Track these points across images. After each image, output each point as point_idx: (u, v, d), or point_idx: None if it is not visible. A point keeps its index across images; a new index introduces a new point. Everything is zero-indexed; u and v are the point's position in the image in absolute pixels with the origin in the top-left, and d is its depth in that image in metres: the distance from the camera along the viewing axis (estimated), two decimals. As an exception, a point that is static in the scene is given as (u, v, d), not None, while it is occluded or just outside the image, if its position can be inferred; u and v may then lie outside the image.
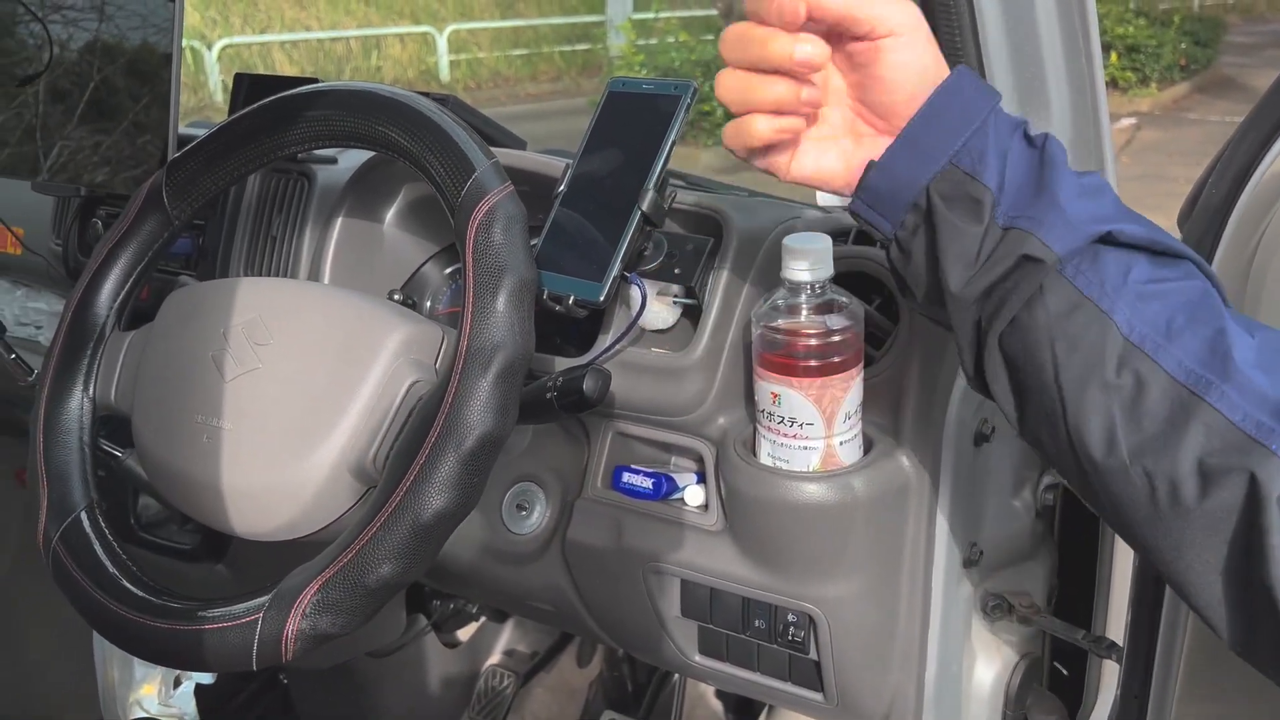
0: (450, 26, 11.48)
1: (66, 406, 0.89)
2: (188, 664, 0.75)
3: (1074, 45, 0.73)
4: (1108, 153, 0.80)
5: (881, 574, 0.85)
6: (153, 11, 1.15)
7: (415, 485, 0.70)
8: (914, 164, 0.59)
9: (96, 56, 1.19)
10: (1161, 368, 0.54)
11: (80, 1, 1.19)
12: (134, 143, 1.17)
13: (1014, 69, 0.72)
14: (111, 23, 1.17)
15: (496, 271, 0.73)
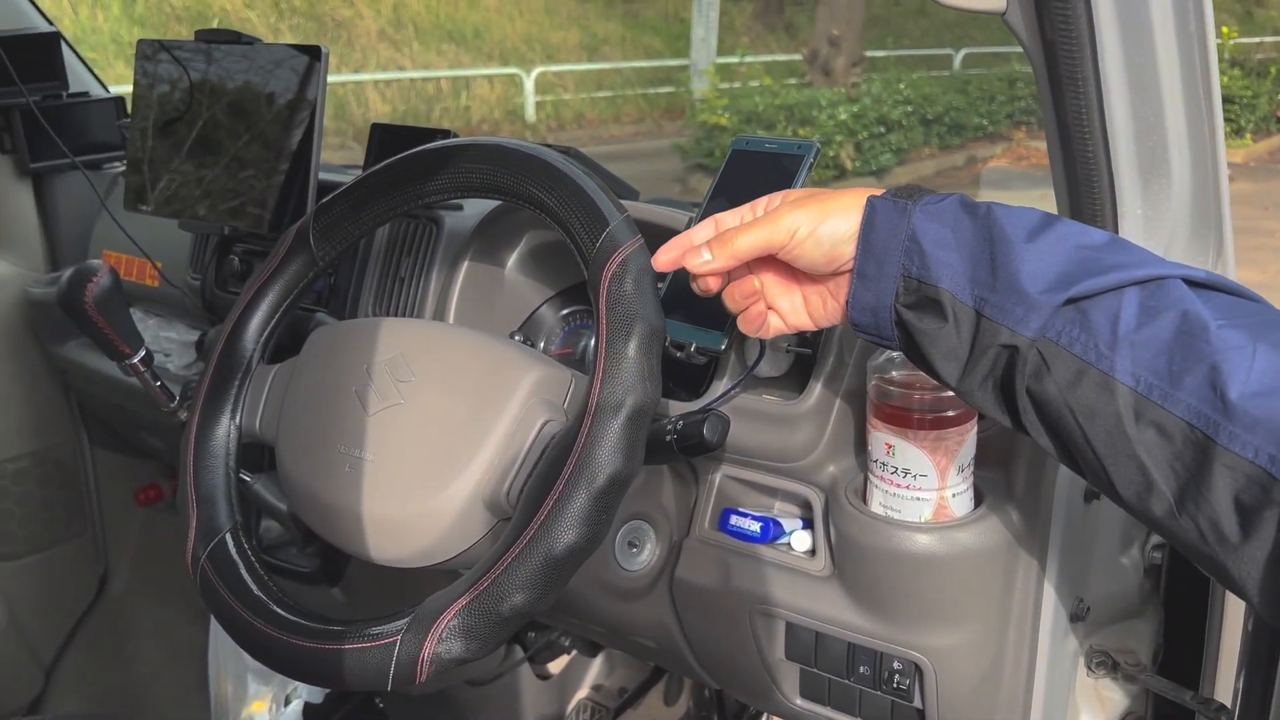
0: (537, 69, 11.72)
1: (215, 434, 0.95)
2: (329, 682, 0.80)
3: (1196, 112, 0.76)
4: (1226, 220, 0.81)
5: (989, 625, 0.87)
6: (290, 66, 1.22)
7: (549, 520, 0.74)
8: (873, 293, 0.66)
9: (236, 110, 1.27)
10: (1174, 415, 0.55)
11: (224, 56, 1.27)
12: (252, 201, 1.24)
13: (1136, 139, 0.75)
14: (252, 77, 1.25)
15: (628, 320, 0.77)
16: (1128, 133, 0.73)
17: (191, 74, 1.28)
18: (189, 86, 1.29)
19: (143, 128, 1.34)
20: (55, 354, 1.66)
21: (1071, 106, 0.71)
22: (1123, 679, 0.95)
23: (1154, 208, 0.77)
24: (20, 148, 1.62)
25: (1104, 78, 0.70)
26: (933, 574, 0.84)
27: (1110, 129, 0.72)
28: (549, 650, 1.54)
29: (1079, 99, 0.70)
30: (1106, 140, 0.72)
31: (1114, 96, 0.71)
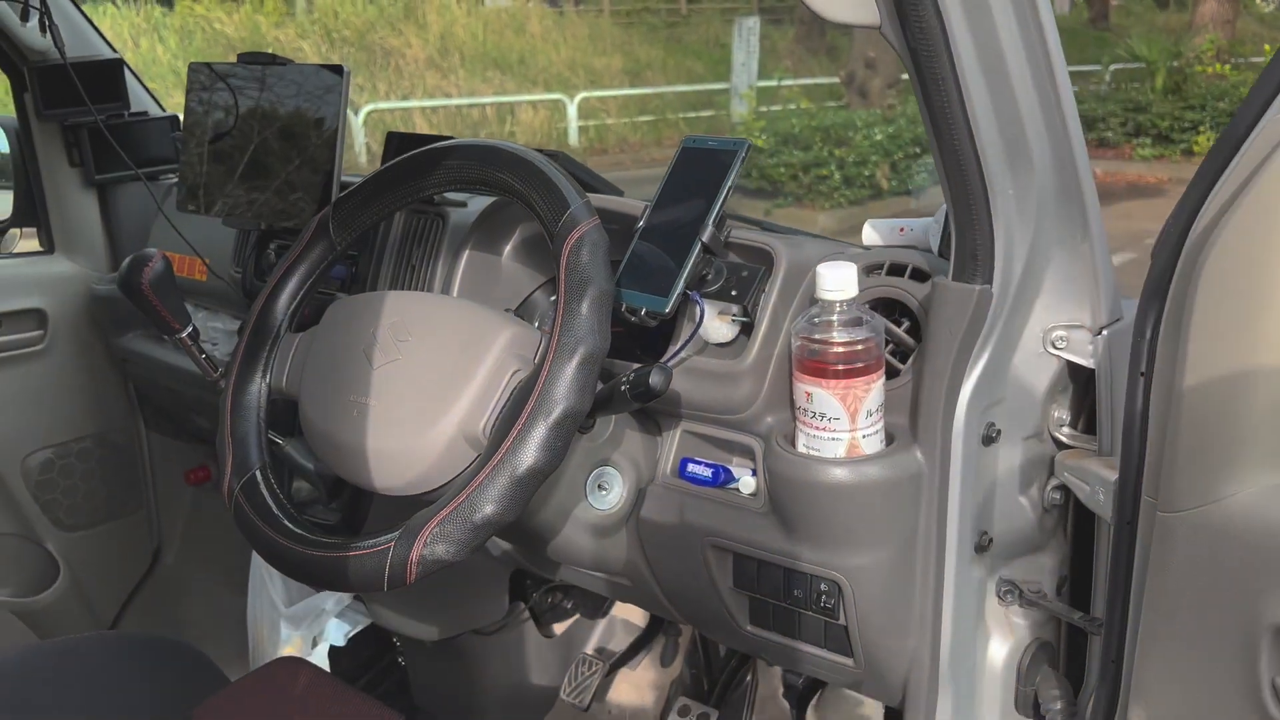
0: (580, 94, 11.95)
1: (248, 389, 1.13)
2: (333, 584, 0.97)
3: (1049, 104, 0.90)
4: (1089, 196, 0.96)
5: (898, 549, 1.01)
6: (318, 83, 1.41)
7: (514, 446, 0.90)
8: None
9: (272, 123, 1.45)
10: None
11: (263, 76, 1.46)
12: (296, 199, 1.42)
13: (1000, 131, 0.89)
14: (286, 94, 1.44)
15: (583, 284, 0.93)
16: (990, 124, 0.88)
17: (235, 91, 1.47)
18: (233, 102, 1.48)
19: (194, 139, 1.53)
20: (116, 345, 1.86)
21: (938, 104, 0.86)
22: (1028, 606, 1.08)
23: (1021, 188, 0.92)
24: (87, 162, 1.83)
25: (962, 79, 0.84)
26: (847, 502, 0.98)
27: (974, 122, 0.87)
28: (553, 613, 1.70)
29: (943, 97, 0.85)
30: (971, 131, 0.87)
31: (973, 94, 0.85)
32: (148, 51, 10.68)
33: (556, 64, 12.85)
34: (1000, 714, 1.11)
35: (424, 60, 12.21)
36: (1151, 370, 0.89)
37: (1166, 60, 11.64)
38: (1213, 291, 0.82)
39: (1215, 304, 0.82)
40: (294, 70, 1.42)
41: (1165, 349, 0.87)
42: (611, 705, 1.74)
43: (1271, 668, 0.80)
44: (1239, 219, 0.79)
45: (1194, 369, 0.84)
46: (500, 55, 12.65)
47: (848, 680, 1.13)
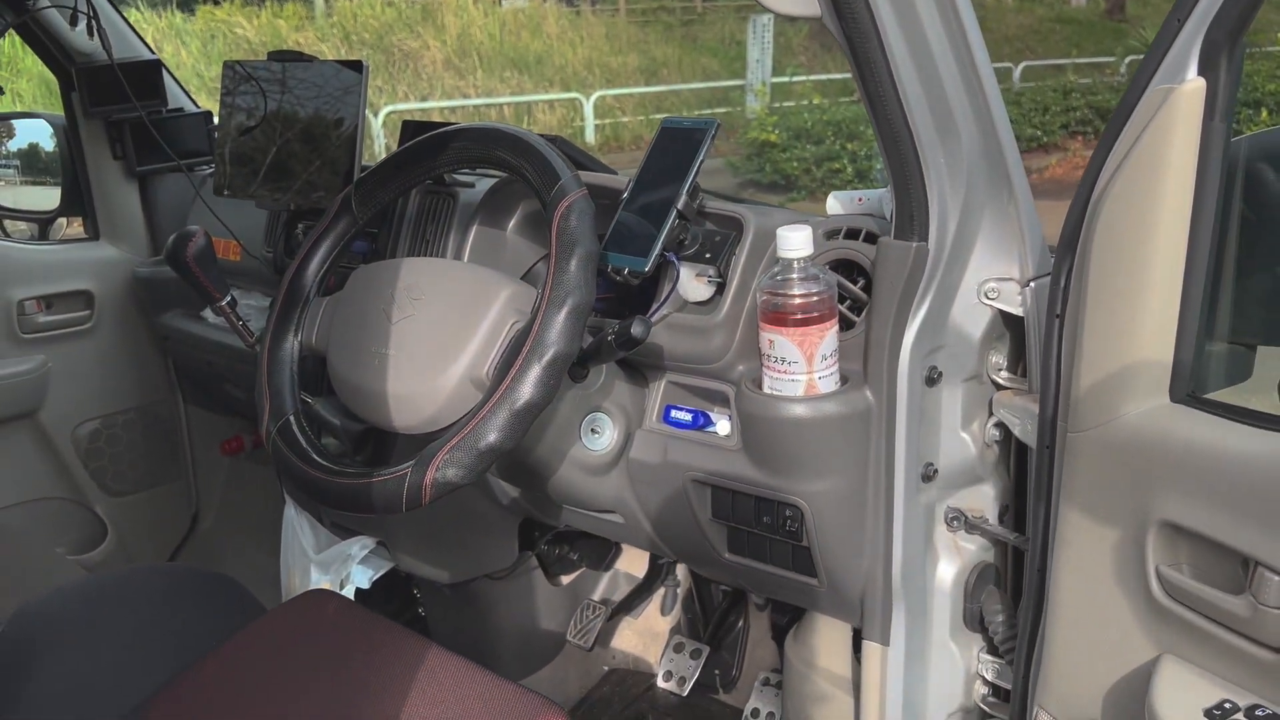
0: (596, 93, 12.08)
1: (283, 347, 1.28)
2: (359, 507, 1.12)
3: (971, 84, 1.03)
4: (1014, 167, 1.09)
5: (851, 477, 1.15)
6: (341, 79, 1.56)
7: (512, 383, 1.05)
8: None
9: (299, 115, 1.61)
10: None
11: (289, 72, 1.61)
12: (314, 187, 1.58)
13: (929, 108, 1.03)
14: (312, 88, 1.59)
15: (571, 245, 1.08)
16: (920, 102, 1.01)
17: (264, 86, 1.63)
18: (263, 96, 1.63)
19: (228, 130, 1.68)
20: (157, 323, 2.03)
21: (871, 85, 0.99)
22: (971, 531, 1.22)
23: (951, 158, 1.05)
24: (129, 154, 1.99)
25: (893, 62, 0.98)
26: (805, 434, 1.12)
27: (905, 100, 1.00)
28: (560, 564, 1.85)
29: (876, 79, 0.99)
30: (903, 109, 1.01)
31: (903, 76, 0.99)
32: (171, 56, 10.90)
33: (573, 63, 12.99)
34: (950, 628, 1.25)
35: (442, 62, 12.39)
36: (1064, 313, 1.03)
37: (1180, 51, 11.62)
38: (1106, 240, 0.95)
39: (1108, 251, 0.96)
40: (318, 67, 1.57)
41: (1074, 294, 1.01)
42: (614, 649, 1.89)
43: (1156, 555, 0.94)
44: (1125, 176, 0.93)
45: (1092, 309, 0.98)
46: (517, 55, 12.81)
47: (814, 600, 1.27)
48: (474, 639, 1.80)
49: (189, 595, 1.37)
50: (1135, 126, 0.93)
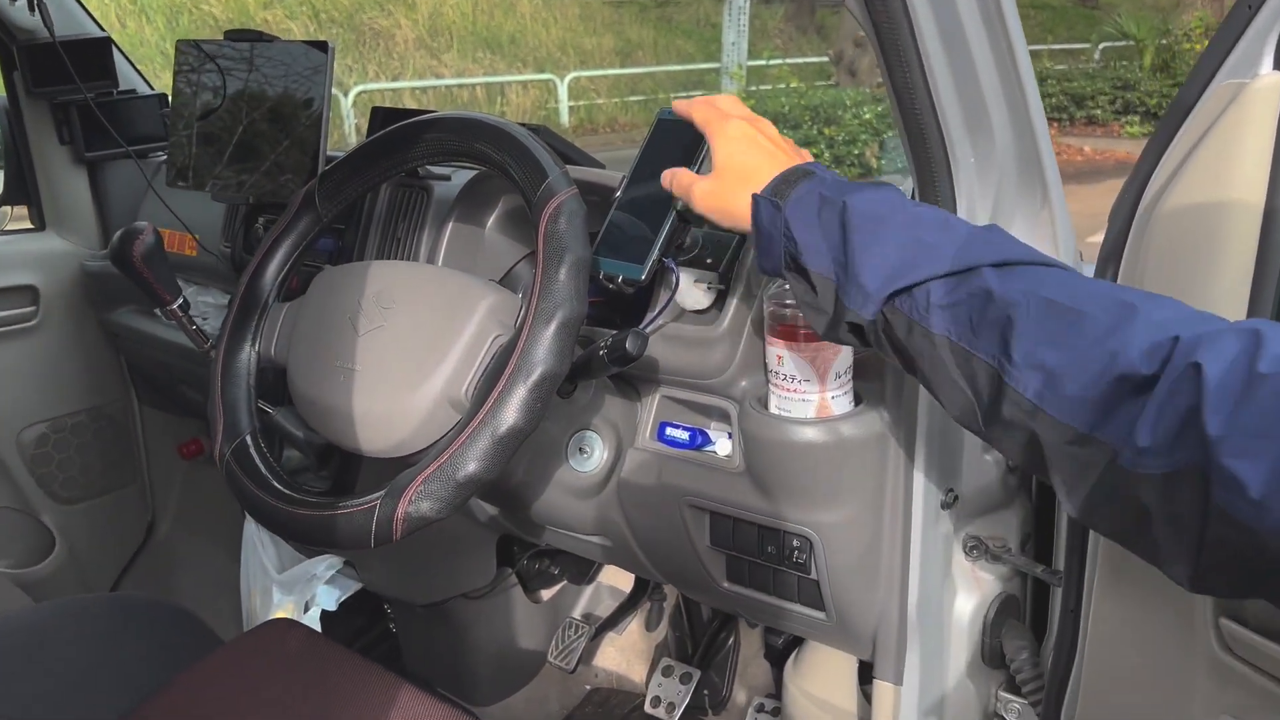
0: (571, 74, 11.93)
1: (238, 357, 1.16)
2: (322, 541, 1.00)
3: (1007, 73, 0.93)
4: (1048, 165, 0.99)
5: (866, 505, 1.05)
6: (308, 60, 1.44)
7: (495, 406, 0.93)
8: (769, 264, 0.85)
9: (259, 98, 1.48)
10: (978, 356, 0.71)
11: (249, 52, 1.48)
12: (284, 173, 1.45)
13: (960, 101, 0.92)
14: (273, 70, 1.47)
15: (560, 251, 0.97)
16: (950, 94, 0.91)
17: (222, 68, 1.50)
18: (221, 79, 1.50)
19: (182, 116, 1.55)
20: (108, 320, 1.89)
21: (899, 75, 0.89)
22: (993, 560, 1.12)
23: (982, 157, 0.95)
24: (77, 139, 1.85)
25: (924, 50, 0.88)
26: (817, 460, 1.02)
27: (935, 92, 0.90)
28: (540, 579, 1.74)
29: (905, 68, 0.88)
30: (933, 101, 0.90)
31: (934, 64, 0.89)
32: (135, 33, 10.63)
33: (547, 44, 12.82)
34: (967, 665, 1.15)
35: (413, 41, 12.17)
36: (1106, 330, 0.93)
37: (1155, 38, 11.66)
38: (1163, 252, 0.86)
39: (1165, 264, 0.86)
40: (280, 47, 1.45)
41: (1119, 309, 0.91)
42: (598, 668, 1.78)
43: (1217, 604, 0.85)
44: (1187, 182, 0.83)
45: (1144, 327, 0.87)
46: (490, 35, 12.62)
47: (820, 634, 1.17)
48: (449, 660, 1.69)
49: (139, 627, 1.26)
50: (1197, 126, 0.83)
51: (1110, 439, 0.62)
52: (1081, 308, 0.67)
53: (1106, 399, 0.63)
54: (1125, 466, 0.61)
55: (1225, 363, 0.57)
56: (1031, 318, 0.69)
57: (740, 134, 0.91)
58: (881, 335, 0.80)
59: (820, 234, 0.81)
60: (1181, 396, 0.58)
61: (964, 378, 0.73)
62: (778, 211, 0.83)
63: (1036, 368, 0.67)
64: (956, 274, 0.74)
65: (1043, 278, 0.71)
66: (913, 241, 0.77)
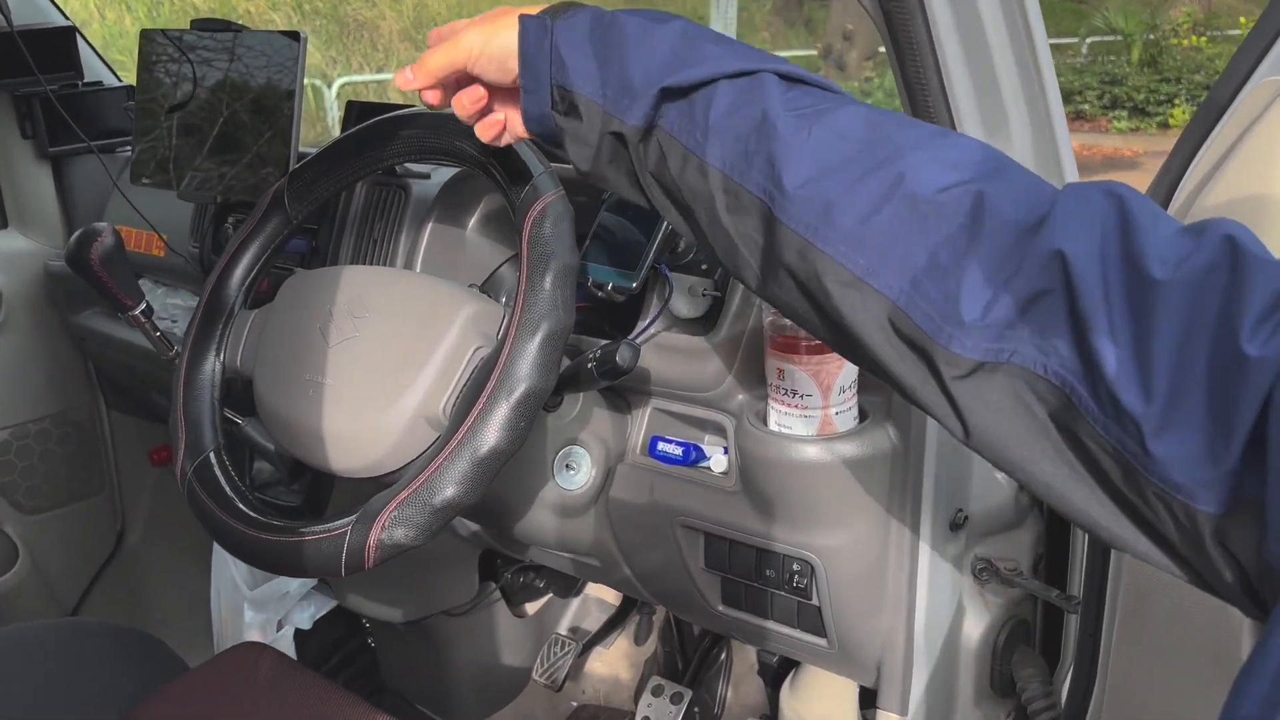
0: (556, 66, 11.82)
1: (202, 368, 1.09)
2: (290, 570, 0.93)
3: (1026, 69, 0.87)
4: (1067, 168, 0.93)
5: (871, 528, 0.99)
6: (279, 51, 1.36)
7: (475, 426, 0.86)
8: (535, 103, 0.72)
9: (228, 92, 1.40)
10: (748, 190, 0.62)
11: (215, 42, 1.41)
12: (257, 171, 1.38)
13: (977, 101, 0.86)
14: (242, 62, 1.39)
15: (545, 257, 0.90)
16: (966, 90, 0.84)
17: (189, 59, 1.42)
18: (186, 71, 1.42)
19: (147, 109, 1.48)
20: (73, 322, 1.81)
21: (911, 68, 0.82)
22: (1003, 584, 1.06)
23: (999, 156, 0.89)
24: (40, 134, 1.77)
25: (938, 41, 0.81)
26: (819, 480, 0.96)
27: (949, 87, 0.83)
28: (525, 593, 1.67)
29: (917, 61, 0.82)
30: (947, 97, 0.84)
31: (950, 61, 0.82)
32: (115, 23, 10.47)
33: (532, 36, 12.70)
34: (975, 693, 1.09)
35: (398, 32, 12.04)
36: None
37: (1143, 33, 11.63)
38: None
39: None
40: (249, 37, 1.37)
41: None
42: (585, 685, 1.72)
43: (1256, 629, 0.78)
44: (1226, 183, 0.77)
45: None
46: (475, 27, 12.49)
47: (821, 660, 1.11)
48: (430, 678, 1.62)
49: (98, 655, 1.18)
50: (1235, 125, 0.77)
51: (889, 290, 0.55)
52: (872, 130, 0.59)
53: (888, 229, 0.55)
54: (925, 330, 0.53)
55: (1095, 252, 0.49)
56: (811, 140, 0.60)
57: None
58: (651, 178, 0.69)
59: (591, 53, 0.69)
60: (1033, 278, 0.50)
61: (733, 224, 0.64)
62: (545, 32, 0.71)
63: (811, 197, 0.58)
64: (742, 76, 0.64)
65: (827, 102, 0.63)
66: (692, 41, 0.67)
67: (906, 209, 0.55)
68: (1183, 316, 0.46)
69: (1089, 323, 0.48)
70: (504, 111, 0.78)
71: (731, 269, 0.67)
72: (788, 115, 0.61)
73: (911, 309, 0.54)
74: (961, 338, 0.52)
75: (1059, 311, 0.50)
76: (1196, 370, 0.45)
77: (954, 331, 0.52)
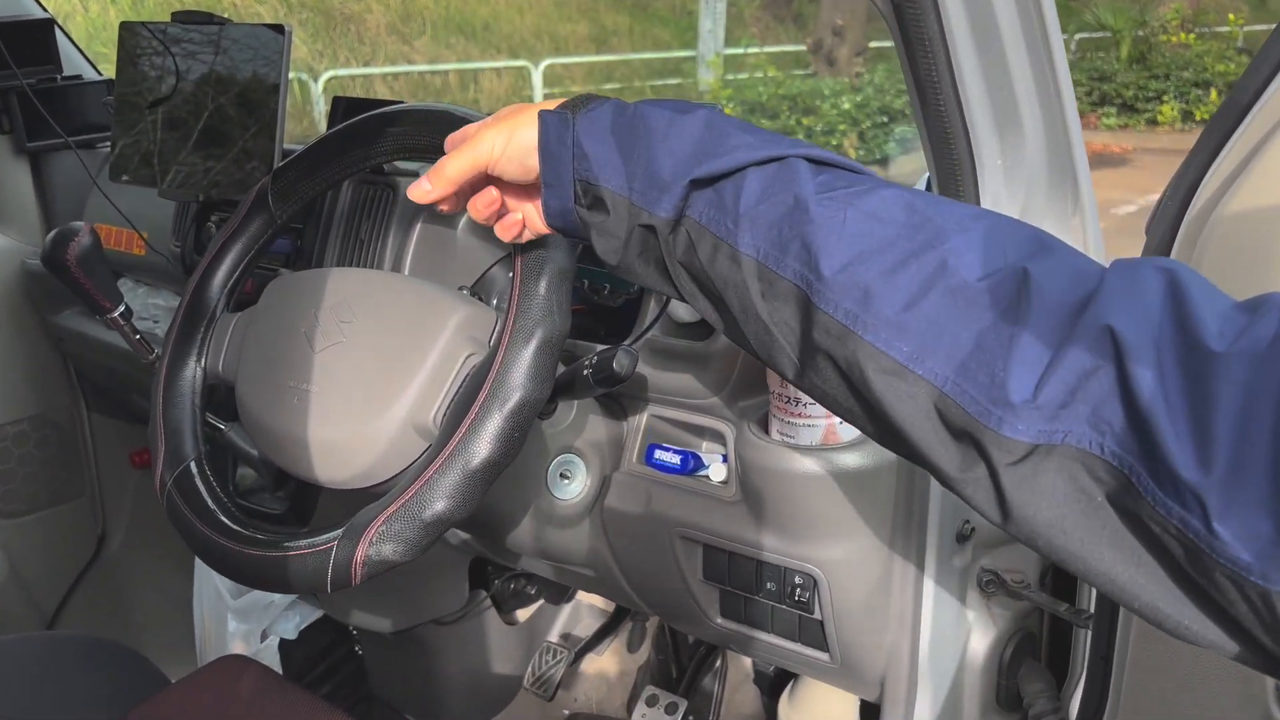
0: (545, 61, 11.78)
1: (182, 374, 1.05)
2: (273, 586, 0.90)
3: (1041, 70, 0.84)
4: (1080, 170, 0.90)
5: (876, 540, 0.96)
6: (264, 45, 1.32)
7: (466, 437, 0.83)
8: (558, 198, 0.71)
9: (211, 86, 1.36)
10: (783, 278, 0.60)
11: (197, 35, 1.37)
12: (242, 168, 1.34)
13: (989, 98, 0.83)
14: (226, 55, 1.35)
15: (540, 261, 0.86)
16: (979, 89, 0.81)
17: (170, 53, 1.38)
18: (168, 65, 1.38)
19: (126, 104, 1.43)
20: (52, 322, 1.77)
21: (923, 65, 0.79)
22: (1010, 596, 1.03)
23: (1011, 159, 0.86)
24: (18, 129, 1.72)
25: (950, 38, 0.78)
26: (822, 492, 0.93)
27: (961, 86, 0.80)
28: (516, 599, 1.64)
29: (929, 58, 0.79)
30: (959, 97, 0.81)
31: (962, 56, 0.79)
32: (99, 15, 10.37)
33: (521, 30, 12.64)
34: (981, 708, 1.06)
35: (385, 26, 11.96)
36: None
37: (1132, 29, 11.64)
38: (1226, 260, 0.76)
39: (1229, 273, 0.76)
40: (232, 30, 1.33)
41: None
42: (577, 694, 1.69)
43: None
44: (1254, 185, 0.74)
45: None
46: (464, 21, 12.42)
47: (823, 675, 1.08)
48: (419, 687, 1.59)
49: (73, 671, 1.14)
50: (1261, 124, 0.74)
51: (934, 377, 0.53)
52: (909, 213, 0.57)
53: (932, 316, 0.53)
54: (976, 417, 0.51)
55: (1149, 326, 0.47)
56: (847, 224, 0.58)
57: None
58: (680, 267, 0.67)
59: (615, 146, 0.68)
60: (1083, 355, 0.48)
61: (769, 311, 0.61)
62: (566, 127, 0.69)
63: (850, 283, 0.56)
64: (771, 162, 0.62)
65: (859, 184, 0.61)
66: (719, 131, 0.65)
67: (950, 296, 0.53)
68: (1243, 388, 0.44)
69: (1143, 397, 0.46)
70: (520, 209, 0.77)
71: (766, 357, 0.64)
72: (821, 199, 0.59)
73: (959, 394, 0.52)
74: (1013, 420, 0.50)
75: (1111, 388, 0.48)
76: (1259, 442, 0.43)
77: (1004, 414, 0.50)
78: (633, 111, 0.68)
